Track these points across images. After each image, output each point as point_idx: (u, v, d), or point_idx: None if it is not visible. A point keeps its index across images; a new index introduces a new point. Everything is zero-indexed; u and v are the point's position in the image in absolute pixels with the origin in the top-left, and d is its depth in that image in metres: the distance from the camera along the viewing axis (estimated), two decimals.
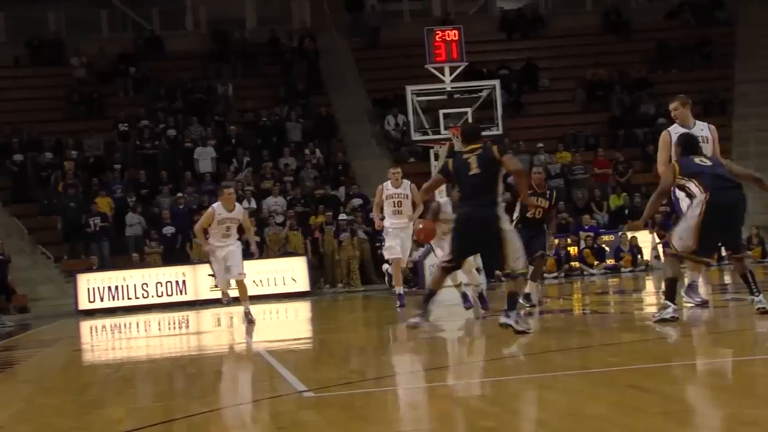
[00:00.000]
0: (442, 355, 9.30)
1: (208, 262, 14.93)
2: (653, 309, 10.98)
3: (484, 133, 21.93)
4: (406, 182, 14.60)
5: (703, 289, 11.17)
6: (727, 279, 10.54)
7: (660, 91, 29.35)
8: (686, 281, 10.68)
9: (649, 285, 18.94)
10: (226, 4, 32.60)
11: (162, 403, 7.16)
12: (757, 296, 9.29)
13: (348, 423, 5.72)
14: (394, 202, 14.42)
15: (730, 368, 6.88)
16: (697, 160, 9.47)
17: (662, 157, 10.37)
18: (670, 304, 9.27)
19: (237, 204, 14.19)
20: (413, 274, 19.82)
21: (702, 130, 10.60)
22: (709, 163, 9.48)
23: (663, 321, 9.24)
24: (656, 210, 10.30)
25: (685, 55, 30.95)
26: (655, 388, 6.10)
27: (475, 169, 9.35)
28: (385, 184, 14.61)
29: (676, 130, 10.52)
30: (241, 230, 14.44)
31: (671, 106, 10.85)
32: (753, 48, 30.92)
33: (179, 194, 25.00)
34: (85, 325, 18.73)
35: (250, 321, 13.74)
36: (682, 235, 9.23)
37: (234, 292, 14.40)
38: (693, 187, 9.21)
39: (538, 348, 8.78)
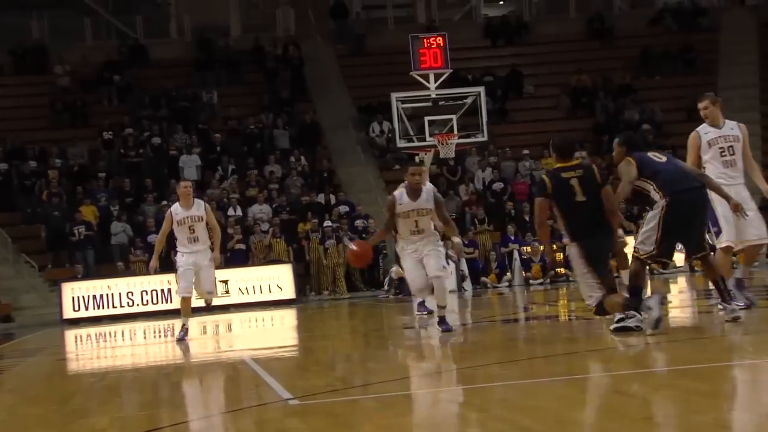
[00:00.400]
0: (428, 362, 9.30)
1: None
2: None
3: (468, 140, 22.35)
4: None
5: (687, 295, 11.17)
6: (711, 285, 10.51)
7: (643, 98, 29.54)
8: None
9: None
10: (211, 11, 32.57)
11: (146, 412, 7.13)
12: (729, 304, 9.17)
13: (333, 431, 5.71)
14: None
15: (713, 373, 6.89)
16: (651, 155, 9.29)
17: (691, 159, 10.11)
18: (635, 313, 9.01)
19: (196, 200, 13.17)
20: (399, 281, 19.77)
21: (732, 129, 10.27)
22: (664, 158, 9.27)
23: (626, 330, 8.94)
24: (627, 196, 9.91)
25: (668, 61, 31.09)
26: (639, 393, 6.11)
27: (580, 196, 8.93)
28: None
29: (705, 131, 10.23)
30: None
31: (700, 105, 10.32)
32: (736, 54, 31.07)
33: (164, 202, 24.87)
34: (70, 334, 18.64)
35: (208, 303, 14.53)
36: (645, 240, 9.13)
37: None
38: (652, 191, 9.04)
39: (524, 354, 8.79)
